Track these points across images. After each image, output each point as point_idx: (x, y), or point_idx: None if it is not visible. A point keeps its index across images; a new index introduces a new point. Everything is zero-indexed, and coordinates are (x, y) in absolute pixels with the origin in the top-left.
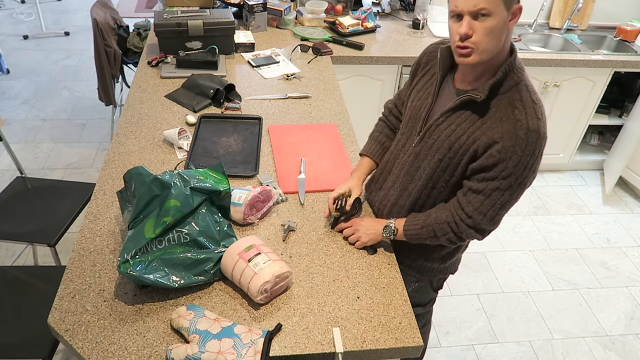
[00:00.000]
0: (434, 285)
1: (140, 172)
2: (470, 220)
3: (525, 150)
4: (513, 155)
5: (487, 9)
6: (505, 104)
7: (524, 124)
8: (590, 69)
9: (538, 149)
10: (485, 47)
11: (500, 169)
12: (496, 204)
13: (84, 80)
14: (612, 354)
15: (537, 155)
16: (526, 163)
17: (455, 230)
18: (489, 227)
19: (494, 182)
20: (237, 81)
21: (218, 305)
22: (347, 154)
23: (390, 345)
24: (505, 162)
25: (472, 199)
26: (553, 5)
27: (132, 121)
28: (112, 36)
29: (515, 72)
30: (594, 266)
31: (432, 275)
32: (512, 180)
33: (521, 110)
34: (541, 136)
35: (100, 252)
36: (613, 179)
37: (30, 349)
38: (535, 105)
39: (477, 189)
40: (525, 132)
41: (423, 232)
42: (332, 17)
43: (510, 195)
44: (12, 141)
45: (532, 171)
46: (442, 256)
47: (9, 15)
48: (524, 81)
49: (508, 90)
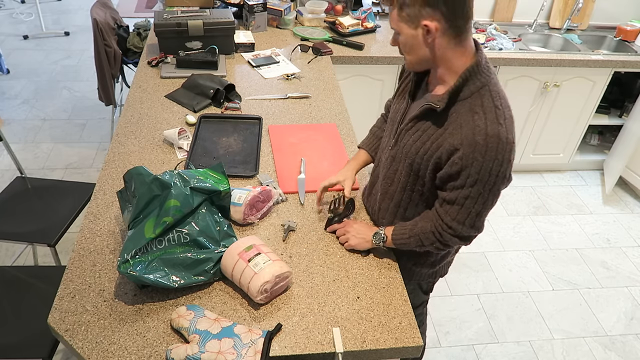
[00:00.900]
0: (423, 289)
1: (140, 172)
2: (451, 230)
3: (485, 156)
4: (474, 161)
5: (394, 28)
6: (466, 109)
7: (483, 129)
8: (590, 69)
9: (501, 154)
10: (409, 59)
11: (465, 177)
12: (471, 212)
13: (84, 80)
14: (612, 354)
15: (501, 161)
16: (489, 169)
17: (440, 240)
18: (471, 233)
19: (463, 190)
20: (237, 81)
21: (218, 305)
22: (347, 154)
23: (390, 345)
24: (468, 169)
25: (448, 209)
26: (553, 5)
27: (132, 121)
28: (112, 36)
29: (479, 77)
30: (594, 266)
31: (420, 279)
32: (481, 188)
33: (481, 115)
34: (502, 141)
35: (100, 252)
36: (613, 179)
37: (30, 349)
38: (497, 111)
39: (450, 199)
40: (483, 138)
41: (411, 242)
42: (332, 17)
43: (483, 203)
44: (12, 141)
45: (499, 177)
46: (431, 262)
47: (9, 15)
48: (489, 85)
49: (470, 95)
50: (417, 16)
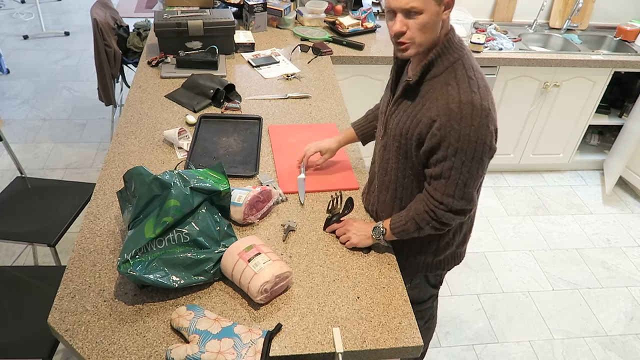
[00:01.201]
0: (430, 282)
1: (140, 172)
2: (443, 205)
3: (461, 123)
4: (451, 130)
5: (417, 7)
6: (440, 84)
7: (456, 97)
8: (590, 69)
9: (477, 120)
10: (420, 41)
11: (446, 147)
12: (458, 183)
13: (84, 80)
14: (612, 354)
15: (477, 127)
16: (468, 136)
17: (435, 218)
18: (464, 206)
19: (446, 161)
20: (237, 81)
21: (218, 305)
22: (347, 154)
23: (390, 345)
24: (447, 138)
25: (435, 185)
26: (553, 5)
27: (132, 121)
28: (112, 36)
29: (452, 52)
30: (594, 266)
31: (427, 271)
32: (462, 156)
33: (454, 86)
34: (476, 107)
35: (100, 252)
36: (613, 179)
37: (30, 349)
38: (470, 81)
39: (435, 174)
40: (457, 106)
41: (409, 226)
42: (332, 17)
43: (468, 172)
44: (12, 141)
45: (479, 144)
46: (434, 250)
47: (9, 15)
48: (462, 59)
49: (444, 70)
50: None
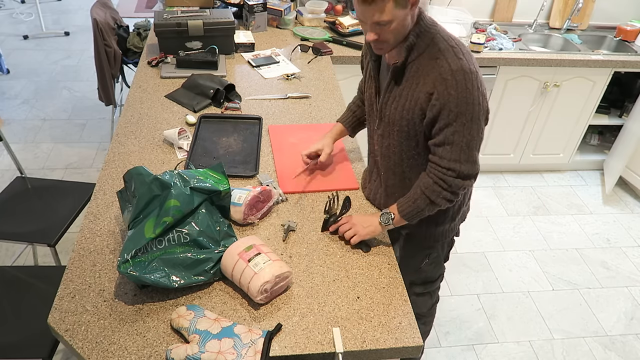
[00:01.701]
0: (444, 253)
1: (140, 172)
2: (451, 172)
3: (457, 89)
4: (449, 97)
5: (385, 19)
6: (427, 59)
7: (447, 67)
8: (590, 69)
9: (470, 83)
10: (395, 40)
11: (447, 114)
12: (462, 146)
13: (84, 80)
14: (612, 354)
15: (472, 89)
16: (465, 99)
17: (445, 187)
18: (470, 170)
19: (449, 127)
20: (237, 81)
21: (218, 305)
22: (347, 154)
23: (390, 345)
24: (447, 105)
25: (441, 152)
26: (553, 5)
27: (132, 121)
28: (112, 36)
29: (428, 29)
30: (594, 266)
31: (444, 238)
32: (463, 119)
33: (442, 58)
34: (466, 71)
35: (100, 252)
36: (613, 179)
37: (30, 349)
38: (454, 49)
39: (439, 141)
40: (450, 74)
41: (419, 204)
42: (332, 17)
43: (470, 133)
44: (12, 141)
45: (476, 104)
46: (451, 215)
47: (9, 15)
48: (438, 33)
49: (426, 47)
50: None
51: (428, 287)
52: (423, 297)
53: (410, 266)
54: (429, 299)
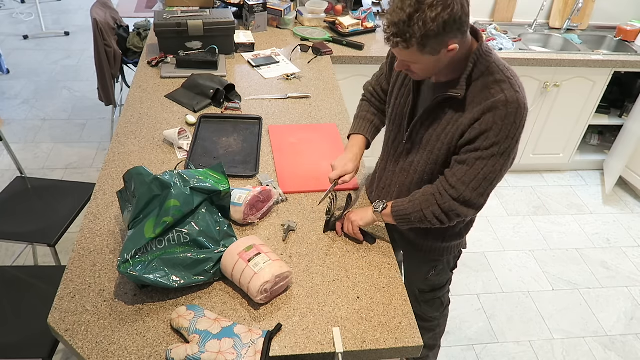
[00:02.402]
0: (450, 265)
1: (140, 172)
2: (454, 190)
3: (505, 120)
4: (494, 125)
5: (408, 60)
6: (480, 87)
7: (502, 97)
8: (590, 69)
9: (519, 119)
10: (425, 74)
11: (483, 140)
12: (479, 174)
13: (84, 80)
14: (612, 354)
15: (518, 125)
16: (507, 133)
17: (439, 202)
18: (473, 199)
19: (476, 152)
20: (237, 81)
21: (218, 305)
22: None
23: (390, 345)
24: (487, 132)
25: (456, 170)
26: (553, 5)
27: (132, 121)
28: (112, 36)
29: (484, 57)
30: (594, 266)
31: (449, 254)
32: (495, 150)
33: (497, 89)
34: (521, 106)
35: (100, 252)
36: (613, 179)
37: (30, 349)
38: (511, 81)
39: (461, 160)
40: (504, 104)
41: (409, 207)
42: (332, 17)
43: (493, 166)
44: (12, 141)
45: (514, 141)
46: (457, 232)
47: (9, 15)
48: (495, 62)
49: (481, 75)
50: (440, 45)
51: (437, 293)
52: (433, 302)
53: (417, 276)
54: (440, 304)
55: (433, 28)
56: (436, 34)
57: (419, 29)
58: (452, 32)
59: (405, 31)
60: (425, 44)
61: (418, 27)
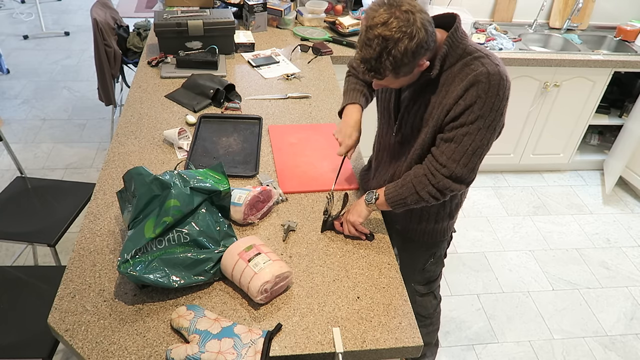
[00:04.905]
0: (445, 252)
1: (140, 172)
2: (445, 169)
3: (488, 93)
4: (477, 99)
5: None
6: (460, 66)
7: (484, 70)
8: (590, 69)
9: (502, 90)
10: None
11: (468, 114)
12: (468, 149)
13: (84, 80)
14: (612, 354)
15: (501, 97)
16: (491, 105)
17: (433, 182)
18: (465, 175)
19: (462, 128)
20: (237, 81)
21: (218, 305)
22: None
23: (390, 345)
24: (471, 107)
25: (444, 148)
26: (553, 5)
27: (132, 121)
28: (112, 36)
29: (460, 40)
30: (594, 266)
31: (442, 236)
32: (480, 124)
33: (477, 63)
34: (503, 78)
35: (100, 252)
36: (613, 179)
37: (30, 349)
38: (490, 56)
39: (447, 137)
40: (486, 77)
41: (403, 191)
42: (332, 17)
43: (480, 140)
44: (12, 141)
45: (499, 113)
46: (448, 212)
47: (9, 15)
48: (471, 45)
49: (459, 58)
50: (413, 67)
51: (431, 286)
52: (427, 297)
53: (414, 267)
54: (433, 298)
55: (403, 59)
56: (407, 63)
57: (390, 63)
58: (420, 55)
59: (377, 67)
60: (399, 72)
61: (389, 62)
